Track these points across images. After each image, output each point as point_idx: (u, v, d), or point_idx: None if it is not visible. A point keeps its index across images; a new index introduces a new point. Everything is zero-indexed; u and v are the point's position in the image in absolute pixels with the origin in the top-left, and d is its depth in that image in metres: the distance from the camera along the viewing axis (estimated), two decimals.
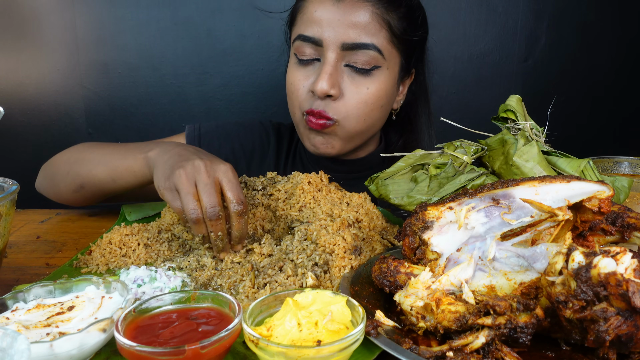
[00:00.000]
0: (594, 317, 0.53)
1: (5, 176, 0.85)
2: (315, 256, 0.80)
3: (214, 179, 0.82)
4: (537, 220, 0.70)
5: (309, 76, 1.13)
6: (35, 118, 1.92)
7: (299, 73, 1.14)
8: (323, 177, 1.03)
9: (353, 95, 1.11)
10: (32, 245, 1.03)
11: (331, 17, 1.07)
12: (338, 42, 1.07)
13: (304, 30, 1.11)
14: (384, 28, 1.09)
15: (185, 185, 0.81)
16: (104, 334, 0.60)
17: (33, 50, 1.86)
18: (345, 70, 1.11)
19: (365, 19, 1.08)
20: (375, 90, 1.12)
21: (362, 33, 1.07)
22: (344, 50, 1.08)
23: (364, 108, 1.13)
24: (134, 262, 0.90)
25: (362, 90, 1.11)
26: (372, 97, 1.12)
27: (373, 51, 1.09)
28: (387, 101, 1.18)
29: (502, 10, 1.89)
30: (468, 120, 1.02)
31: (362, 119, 1.15)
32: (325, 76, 1.08)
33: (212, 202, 0.80)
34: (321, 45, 1.09)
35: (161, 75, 1.89)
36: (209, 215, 0.80)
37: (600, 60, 1.95)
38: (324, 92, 1.08)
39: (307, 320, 0.59)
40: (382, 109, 1.18)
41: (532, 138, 0.93)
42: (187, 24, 1.85)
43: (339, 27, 1.07)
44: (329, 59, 1.09)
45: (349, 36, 1.07)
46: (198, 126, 1.31)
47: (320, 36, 1.08)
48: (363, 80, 1.11)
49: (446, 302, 0.62)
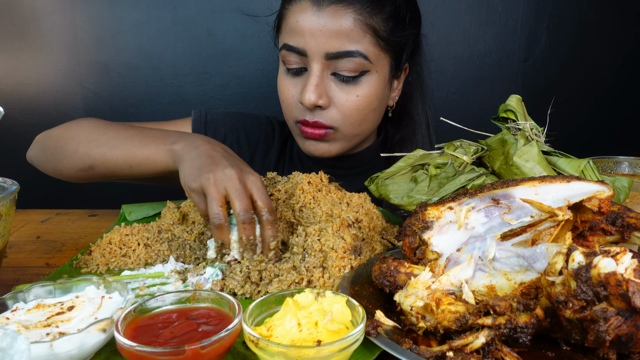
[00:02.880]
0: (594, 317, 0.53)
1: (5, 176, 0.85)
2: (315, 256, 0.80)
3: (245, 185, 0.83)
4: (537, 220, 0.70)
5: (298, 85, 1.12)
6: (35, 118, 1.92)
7: (288, 82, 1.14)
8: (323, 177, 1.03)
9: (343, 103, 1.10)
10: (32, 245, 1.03)
11: (313, 27, 1.05)
12: (321, 52, 1.06)
13: (288, 39, 1.10)
14: (368, 33, 1.07)
15: (213, 190, 0.81)
16: (104, 334, 0.60)
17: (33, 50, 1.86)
18: (332, 79, 1.09)
19: (348, 26, 1.05)
20: (365, 96, 1.11)
21: (345, 41, 1.05)
22: (329, 60, 1.07)
23: (357, 114, 1.12)
24: (134, 262, 0.90)
25: (352, 98, 1.10)
26: (363, 103, 1.11)
27: (358, 58, 1.07)
28: (380, 103, 1.17)
29: (502, 10, 1.89)
30: (468, 120, 1.02)
31: (357, 124, 1.14)
32: (311, 88, 1.07)
33: (244, 205, 0.80)
34: (306, 55, 1.08)
35: (161, 75, 1.89)
36: (241, 218, 0.80)
37: (600, 60, 1.95)
38: (311, 103, 1.07)
39: (307, 320, 0.59)
40: (376, 111, 1.17)
41: (532, 138, 0.93)
42: (187, 24, 1.85)
43: (321, 37, 1.05)
44: (314, 69, 1.07)
45: (332, 45, 1.05)
46: (204, 113, 1.30)
47: (303, 46, 1.07)
48: (352, 88, 1.10)
49: (446, 302, 0.62)
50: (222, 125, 1.30)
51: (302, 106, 1.11)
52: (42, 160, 1.14)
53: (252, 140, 1.32)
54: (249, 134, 1.32)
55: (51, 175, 1.15)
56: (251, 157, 1.32)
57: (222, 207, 0.81)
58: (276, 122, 1.37)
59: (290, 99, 1.14)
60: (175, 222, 0.99)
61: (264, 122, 1.35)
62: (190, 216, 0.96)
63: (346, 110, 1.11)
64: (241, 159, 0.91)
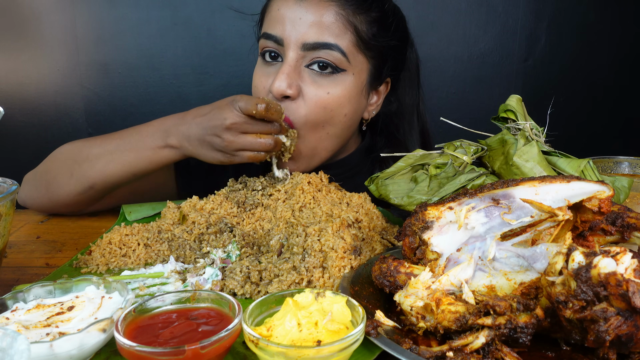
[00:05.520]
0: (594, 317, 0.53)
1: (5, 176, 0.85)
2: (315, 256, 0.80)
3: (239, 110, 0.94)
4: (537, 220, 0.70)
5: (270, 76, 1.07)
6: (35, 118, 1.92)
7: (261, 72, 1.09)
8: (323, 177, 1.03)
9: (312, 97, 1.04)
10: (32, 245, 1.03)
11: (293, 16, 1.03)
12: (299, 41, 1.03)
13: (268, 28, 1.07)
14: (349, 30, 1.04)
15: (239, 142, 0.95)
16: (104, 334, 0.60)
17: (33, 50, 1.86)
18: (306, 72, 1.05)
19: (329, 19, 1.03)
20: (337, 96, 1.05)
21: (325, 33, 1.02)
22: (306, 51, 1.03)
23: (323, 113, 1.05)
24: (134, 262, 0.90)
25: (322, 94, 1.04)
26: (332, 103, 1.05)
27: (336, 52, 1.03)
28: (352, 109, 1.10)
29: (502, 10, 1.89)
30: (468, 120, 1.01)
31: (321, 126, 1.07)
32: (283, 76, 1.02)
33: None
34: (282, 44, 1.04)
35: (161, 75, 1.89)
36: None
37: (600, 60, 1.95)
38: (279, 92, 1.02)
39: (307, 320, 0.59)
40: (346, 118, 1.09)
41: (532, 138, 0.93)
42: (187, 24, 1.85)
43: (300, 26, 1.02)
44: (289, 58, 1.03)
45: (310, 36, 1.02)
46: None
47: (281, 34, 1.04)
48: (325, 83, 1.05)
49: (446, 302, 0.62)
50: None
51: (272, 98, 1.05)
52: (36, 198, 1.15)
53: None
54: None
55: (47, 210, 1.17)
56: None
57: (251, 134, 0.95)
58: None
59: (261, 92, 1.08)
60: (175, 222, 0.99)
61: None
62: (190, 216, 0.96)
63: (312, 104, 1.04)
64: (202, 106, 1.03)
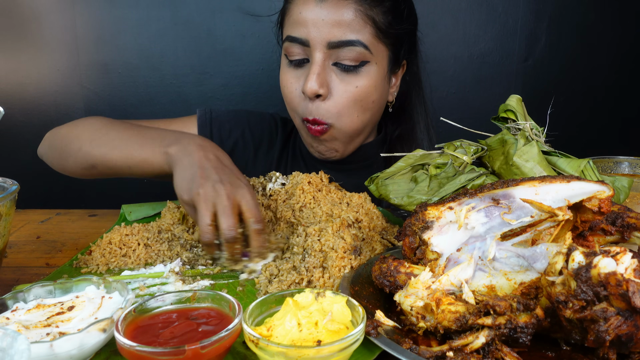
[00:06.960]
0: (594, 317, 0.53)
1: (5, 176, 0.85)
2: (315, 256, 0.80)
3: (233, 201, 0.84)
4: (537, 220, 0.70)
5: (300, 78, 1.14)
6: (35, 118, 1.92)
7: (290, 75, 1.16)
8: (323, 177, 1.03)
9: (342, 94, 1.12)
10: (32, 245, 1.03)
11: (315, 18, 1.09)
12: (324, 41, 1.09)
13: (291, 31, 1.13)
14: (369, 24, 1.11)
15: (202, 207, 0.83)
16: (104, 334, 0.60)
17: (33, 50, 1.86)
18: (333, 69, 1.12)
19: (349, 17, 1.09)
20: (364, 87, 1.13)
21: (346, 30, 1.09)
22: (331, 49, 1.10)
23: (355, 106, 1.14)
24: (134, 262, 0.90)
25: (351, 89, 1.12)
26: (362, 94, 1.13)
27: (359, 47, 1.10)
28: (379, 96, 1.19)
29: (502, 10, 1.89)
30: (468, 120, 1.01)
31: (356, 116, 1.15)
32: (313, 76, 1.09)
33: (229, 224, 0.82)
34: (308, 45, 1.11)
35: (161, 75, 1.89)
36: (225, 236, 0.82)
37: (600, 60, 1.95)
38: (313, 92, 1.09)
39: (307, 320, 0.59)
40: (375, 104, 1.18)
41: (532, 138, 0.93)
42: (187, 24, 1.85)
43: (323, 27, 1.09)
44: (316, 59, 1.10)
45: (334, 35, 1.09)
46: (209, 111, 1.32)
47: (306, 36, 1.10)
48: (352, 78, 1.12)
49: (446, 302, 0.62)
50: (227, 121, 1.32)
51: (304, 98, 1.13)
52: (50, 157, 1.19)
53: (256, 136, 1.34)
54: (253, 130, 1.34)
55: (58, 171, 1.19)
56: (255, 152, 1.33)
57: (211, 224, 0.83)
58: (279, 119, 1.39)
59: (293, 92, 1.16)
60: (175, 222, 0.99)
61: (267, 119, 1.38)
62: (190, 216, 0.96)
63: (344, 100, 1.12)
64: (233, 167, 0.93)
